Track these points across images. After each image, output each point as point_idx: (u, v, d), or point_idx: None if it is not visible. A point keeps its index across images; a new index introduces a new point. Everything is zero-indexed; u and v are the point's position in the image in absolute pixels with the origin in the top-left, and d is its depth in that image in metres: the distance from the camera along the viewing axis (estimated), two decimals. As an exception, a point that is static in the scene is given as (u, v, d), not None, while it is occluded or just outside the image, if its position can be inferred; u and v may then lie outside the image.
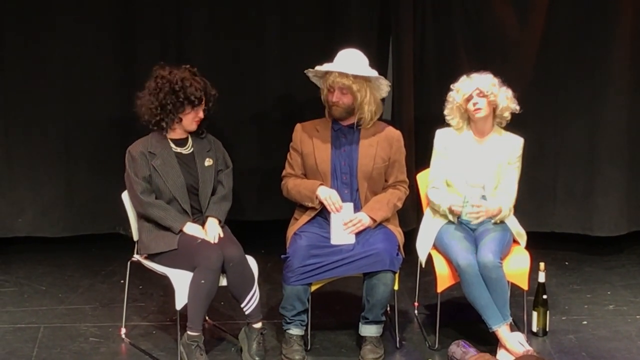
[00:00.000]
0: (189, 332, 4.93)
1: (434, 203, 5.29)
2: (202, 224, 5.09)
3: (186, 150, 5.15)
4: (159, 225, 5.04)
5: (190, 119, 5.10)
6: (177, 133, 5.15)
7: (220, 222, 5.12)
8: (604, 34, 6.34)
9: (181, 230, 4.99)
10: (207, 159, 5.18)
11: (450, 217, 5.21)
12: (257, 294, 4.97)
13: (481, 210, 5.09)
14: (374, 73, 5.16)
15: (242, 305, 4.97)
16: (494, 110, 5.22)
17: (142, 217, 5.11)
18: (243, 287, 4.94)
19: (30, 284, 6.09)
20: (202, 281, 4.85)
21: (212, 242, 4.97)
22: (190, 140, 5.18)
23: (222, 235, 5.04)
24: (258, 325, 5.01)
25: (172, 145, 5.14)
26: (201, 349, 4.91)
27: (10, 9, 6.23)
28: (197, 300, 4.87)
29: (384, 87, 5.26)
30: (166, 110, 5.04)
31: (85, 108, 6.39)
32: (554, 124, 6.51)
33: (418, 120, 6.40)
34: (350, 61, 5.15)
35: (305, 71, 5.24)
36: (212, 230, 5.05)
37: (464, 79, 5.23)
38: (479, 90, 5.15)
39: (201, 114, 5.11)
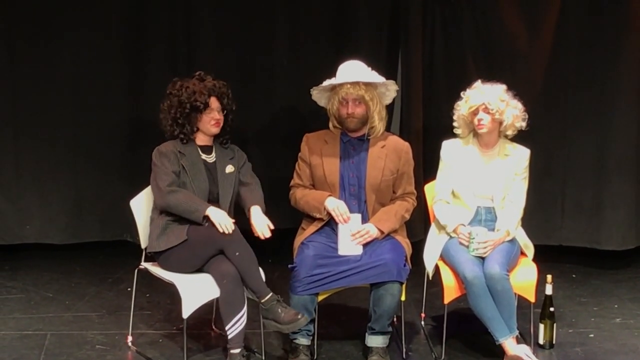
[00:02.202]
0: (262, 301, 4.88)
1: (439, 221, 5.29)
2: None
3: (210, 158, 5.19)
4: (167, 224, 5.05)
5: (207, 123, 5.15)
6: (201, 139, 5.20)
7: (263, 209, 5.14)
8: (613, 47, 6.35)
9: (205, 217, 4.96)
10: (229, 166, 5.20)
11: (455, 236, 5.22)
12: (245, 319, 4.91)
13: (488, 245, 5.09)
14: (382, 78, 5.20)
15: (227, 328, 4.89)
16: (500, 123, 5.22)
17: (156, 217, 5.11)
18: (232, 307, 4.88)
19: (37, 291, 6.10)
20: (237, 253, 4.87)
21: (261, 237, 4.98)
22: (214, 149, 5.22)
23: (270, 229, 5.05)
24: (237, 350, 4.92)
25: (199, 151, 5.18)
26: (280, 302, 4.89)
27: (20, 17, 6.26)
28: (249, 272, 4.89)
29: (392, 93, 5.30)
30: (178, 123, 5.14)
31: (94, 116, 6.42)
32: (562, 136, 6.51)
33: (426, 131, 6.41)
34: (357, 71, 5.16)
35: (312, 89, 5.25)
36: (259, 223, 5.05)
37: (477, 85, 5.21)
38: (485, 106, 5.15)
39: (216, 115, 5.14)
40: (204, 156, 5.18)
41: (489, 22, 6.39)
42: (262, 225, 5.03)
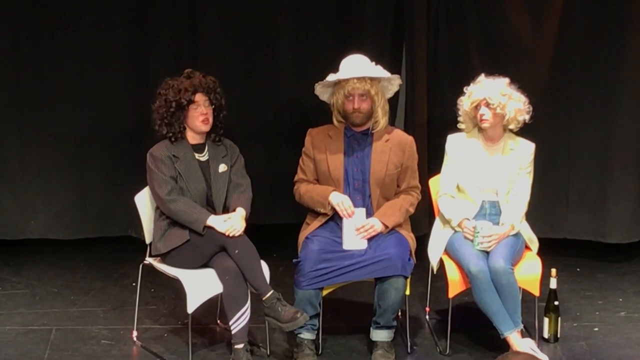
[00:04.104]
0: (263, 299, 4.90)
1: (444, 216, 5.29)
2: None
3: (203, 157, 5.17)
4: (169, 225, 5.07)
5: (194, 120, 5.12)
6: (193, 138, 5.17)
7: (246, 214, 5.12)
8: (617, 40, 6.33)
9: (205, 227, 4.97)
10: (222, 165, 5.19)
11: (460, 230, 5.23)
12: (248, 314, 4.93)
13: (493, 239, 5.09)
14: (388, 73, 5.20)
15: (230, 323, 4.91)
16: (503, 117, 5.21)
17: (157, 218, 5.13)
18: (236, 302, 4.90)
19: (42, 286, 6.11)
20: (237, 251, 4.90)
21: (227, 233, 4.94)
22: (207, 147, 5.20)
23: (242, 233, 5.02)
24: (241, 345, 4.94)
25: (192, 150, 5.16)
26: (280, 300, 4.91)
27: (24, 13, 6.26)
28: (250, 269, 4.91)
29: (394, 87, 5.32)
30: (166, 123, 5.12)
31: (99, 111, 6.41)
32: (566, 129, 6.50)
33: (431, 125, 6.40)
34: (362, 66, 5.16)
35: (317, 84, 5.24)
36: (235, 225, 4.98)
37: (480, 80, 5.21)
38: (486, 101, 5.14)
39: (203, 109, 5.11)
40: (197, 155, 5.16)
41: (494, 16, 6.37)
42: (234, 230, 4.97)
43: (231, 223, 4.97)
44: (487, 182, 5.23)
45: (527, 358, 4.62)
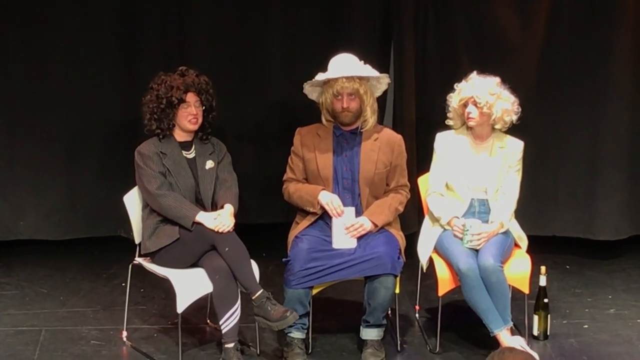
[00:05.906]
0: (253, 298, 4.89)
1: (433, 214, 5.30)
2: None
3: (190, 154, 5.18)
4: (158, 224, 5.07)
5: (183, 119, 5.13)
6: (180, 135, 5.18)
7: (234, 211, 5.12)
8: (606, 38, 6.34)
9: (194, 223, 4.98)
10: (209, 161, 5.20)
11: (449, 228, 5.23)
12: (238, 313, 4.92)
13: (482, 237, 5.10)
14: (377, 72, 5.20)
15: (220, 322, 4.91)
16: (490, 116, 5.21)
17: (146, 217, 5.12)
18: (226, 301, 4.90)
19: (31, 287, 6.10)
20: (227, 249, 4.90)
21: (216, 230, 4.95)
22: (194, 144, 5.20)
23: (231, 229, 5.02)
24: (231, 344, 4.94)
25: (179, 148, 5.16)
26: (270, 299, 4.90)
27: (14, 12, 6.24)
28: (239, 268, 4.90)
29: (383, 85, 5.32)
30: (155, 118, 5.13)
31: (88, 111, 6.40)
32: (555, 127, 6.51)
33: (419, 123, 6.40)
34: (350, 65, 5.16)
35: (306, 83, 5.24)
36: (224, 220, 5.00)
37: (471, 77, 5.21)
38: (474, 99, 5.14)
39: (193, 110, 5.11)
40: (184, 153, 5.17)
41: (482, 14, 6.37)
42: (224, 225, 4.97)
43: (220, 219, 4.97)
44: (476, 180, 5.24)
45: (524, 355, 4.65)
